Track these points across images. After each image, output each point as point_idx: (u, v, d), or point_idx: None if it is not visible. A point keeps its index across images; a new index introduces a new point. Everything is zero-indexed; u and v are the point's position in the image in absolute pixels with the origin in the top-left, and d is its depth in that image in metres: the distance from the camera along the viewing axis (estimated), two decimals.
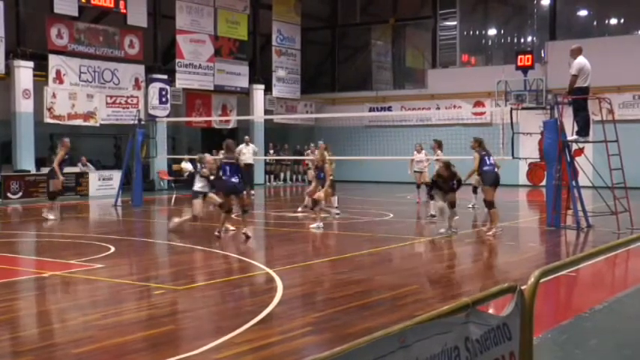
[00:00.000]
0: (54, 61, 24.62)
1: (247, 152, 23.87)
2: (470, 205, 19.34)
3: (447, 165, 14.35)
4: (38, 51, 24.25)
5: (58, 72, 24.72)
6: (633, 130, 25.43)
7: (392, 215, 18.33)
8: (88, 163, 26.23)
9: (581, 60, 14.63)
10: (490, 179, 14.29)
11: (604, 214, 14.91)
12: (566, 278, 9.45)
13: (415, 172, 21.55)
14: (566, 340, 6.64)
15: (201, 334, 6.83)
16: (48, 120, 24.69)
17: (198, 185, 14.70)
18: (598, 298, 8.41)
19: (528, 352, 3.45)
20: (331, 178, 16.63)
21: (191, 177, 22.17)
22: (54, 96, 24.65)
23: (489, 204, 14.15)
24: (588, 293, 9.14)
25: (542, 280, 3.56)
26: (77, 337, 6.68)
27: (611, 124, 15.21)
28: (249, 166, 23.89)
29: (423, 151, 21.64)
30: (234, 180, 13.60)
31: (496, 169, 14.59)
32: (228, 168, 13.63)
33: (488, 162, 14.44)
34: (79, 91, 25.37)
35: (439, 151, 19.87)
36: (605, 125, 15.01)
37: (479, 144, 14.89)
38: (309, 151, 25.53)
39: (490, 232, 13.96)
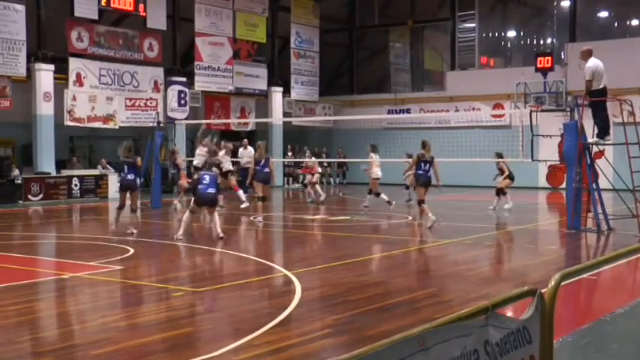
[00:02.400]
0: (74, 64, 24.81)
1: (245, 155, 23.62)
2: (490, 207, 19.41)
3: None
4: (59, 54, 24.44)
5: (78, 75, 24.90)
6: None
7: (410, 218, 18.29)
8: (108, 165, 26.37)
9: (592, 63, 14.50)
10: (421, 181, 16.04)
11: (625, 217, 14.79)
12: (587, 282, 9.37)
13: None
14: (586, 344, 6.59)
15: (220, 336, 6.84)
16: (68, 122, 24.87)
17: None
18: (619, 302, 8.34)
19: (548, 355, 3.43)
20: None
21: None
22: (74, 99, 24.82)
23: (421, 201, 15.94)
24: (609, 297, 9.06)
25: (562, 284, 3.53)
26: (96, 338, 6.71)
27: (632, 126, 15.09)
28: (247, 169, 23.50)
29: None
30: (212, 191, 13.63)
31: (428, 173, 16.16)
32: (207, 177, 13.65)
33: (423, 167, 16.11)
34: (99, 94, 25.54)
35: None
36: (626, 127, 14.88)
37: (423, 146, 16.61)
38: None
39: (428, 224, 15.44)
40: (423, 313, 7.58)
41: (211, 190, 13.56)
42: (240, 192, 19.74)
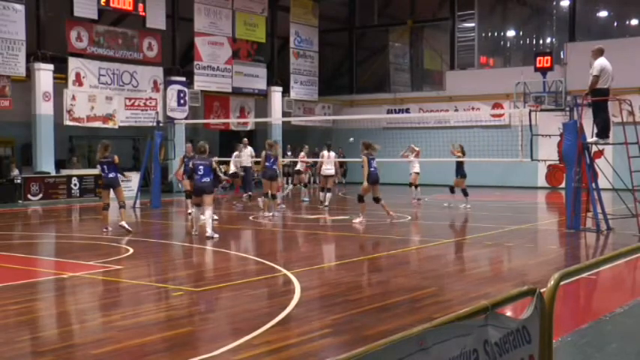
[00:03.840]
0: (74, 64, 24.82)
1: (244, 155, 23.73)
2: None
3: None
4: (58, 54, 24.45)
5: (77, 74, 24.91)
6: None
7: (410, 217, 18.29)
8: None
9: (602, 61, 14.52)
10: (371, 179, 16.62)
11: (624, 217, 14.80)
12: (586, 281, 9.38)
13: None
14: (586, 343, 6.59)
15: (220, 335, 6.85)
16: (67, 122, 24.89)
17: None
18: (618, 301, 8.35)
19: (548, 355, 3.43)
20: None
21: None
22: (73, 98, 24.83)
23: (360, 198, 16.75)
24: (609, 296, 9.07)
25: (562, 283, 3.53)
26: (97, 337, 6.71)
27: (632, 126, 15.10)
28: (247, 169, 23.77)
29: (412, 153, 22.01)
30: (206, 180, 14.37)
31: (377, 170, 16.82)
32: (202, 168, 14.34)
33: (373, 164, 16.68)
34: (98, 94, 25.55)
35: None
36: (625, 127, 14.90)
37: (366, 147, 16.98)
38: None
39: (356, 221, 16.30)
40: (422, 313, 7.58)
41: (206, 179, 14.27)
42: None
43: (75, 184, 24.56)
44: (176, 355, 6.18)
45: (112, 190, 15.54)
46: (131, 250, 12.25)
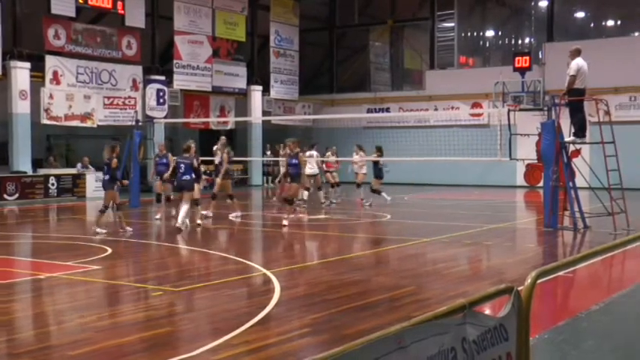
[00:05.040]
0: (51, 62, 24.62)
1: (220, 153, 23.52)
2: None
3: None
4: (35, 52, 24.23)
5: (55, 73, 24.71)
6: (630, 132, 25.48)
7: (389, 216, 18.34)
8: (89, 165, 26.24)
9: (579, 61, 14.66)
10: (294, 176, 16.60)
11: (601, 215, 14.93)
12: (563, 279, 9.46)
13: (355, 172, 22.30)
14: (562, 340, 6.64)
15: (199, 335, 6.82)
16: (45, 121, 24.68)
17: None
18: (595, 298, 8.42)
19: (525, 352, 3.45)
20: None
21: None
22: (51, 97, 24.64)
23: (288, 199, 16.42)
24: (585, 294, 9.15)
25: (539, 281, 3.56)
26: (74, 338, 6.66)
27: (608, 126, 15.25)
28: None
29: (360, 153, 21.91)
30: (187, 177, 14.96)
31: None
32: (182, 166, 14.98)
33: (294, 161, 16.58)
34: (76, 92, 25.36)
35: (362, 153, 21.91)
36: (602, 126, 15.03)
37: (297, 145, 17.19)
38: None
39: (287, 220, 15.57)
40: (401, 312, 7.60)
41: (186, 177, 14.94)
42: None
43: (52, 184, 24.37)
44: (155, 355, 6.15)
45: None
46: (109, 250, 12.17)
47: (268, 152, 32.18)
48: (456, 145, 27.70)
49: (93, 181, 25.69)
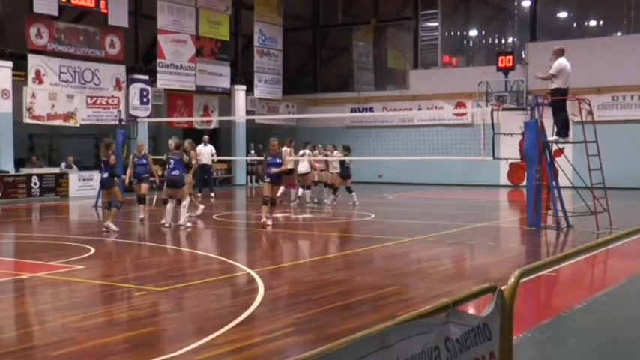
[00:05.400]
0: (33, 61, 24.45)
1: (205, 152, 23.53)
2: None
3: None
4: (17, 50, 24.06)
5: (37, 72, 24.55)
6: (612, 131, 25.68)
7: (373, 216, 18.36)
8: (73, 165, 26.11)
9: (561, 61, 14.76)
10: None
11: (583, 215, 15.03)
12: (546, 278, 9.51)
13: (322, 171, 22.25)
14: (545, 339, 6.68)
15: (183, 335, 6.81)
16: (27, 120, 24.52)
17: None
18: (577, 297, 8.48)
19: (508, 351, 3.47)
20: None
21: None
22: (33, 96, 24.48)
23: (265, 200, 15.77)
24: (568, 293, 9.20)
25: (522, 280, 3.57)
26: (57, 339, 6.63)
27: (591, 125, 15.34)
28: (206, 167, 23.23)
29: (336, 152, 21.97)
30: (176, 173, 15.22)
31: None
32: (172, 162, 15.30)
33: (277, 161, 15.85)
34: (59, 92, 25.21)
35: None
36: (584, 126, 15.13)
37: (281, 145, 17.09)
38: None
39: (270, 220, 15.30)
40: (385, 311, 7.62)
41: (175, 172, 15.20)
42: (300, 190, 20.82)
43: (35, 183, 24.21)
44: (138, 355, 6.13)
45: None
46: (93, 250, 12.11)
47: (252, 152, 32.16)
48: (439, 144, 27.81)
49: (76, 181, 25.58)
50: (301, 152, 21.46)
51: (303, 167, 21.03)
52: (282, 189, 22.05)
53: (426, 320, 3.00)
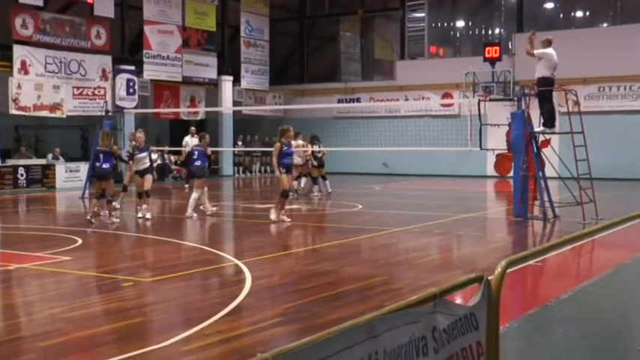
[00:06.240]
0: (19, 52, 24.29)
1: (192, 143, 23.49)
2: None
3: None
4: (2, 41, 23.89)
5: (23, 62, 24.39)
6: (598, 122, 25.78)
7: (361, 206, 18.39)
8: (60, 156, 25.98)
9: (548, 50, 14.81)
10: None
11: (570, 205, 15.10)
12: (533, 268, 9.56)
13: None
14: (532, 329, 6.72)
15: (170, 326, 6.80)
16: (13, 111, 24.37)
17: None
18: (564, 287, 8.52)
19: (495, 341, 3.49)
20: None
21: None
22: (19, 87, 24.33)
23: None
24: (554, 283, 9.25)
25: (509, 270, 3.59)
26: (44, 330, 6.61)
27: (577, 116, 15.40)
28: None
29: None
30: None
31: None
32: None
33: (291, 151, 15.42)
34: (45, 82, 25.06)
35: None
36: (571, 117, 15.19)
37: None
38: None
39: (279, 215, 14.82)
40: (373, 301, 7.64)
41: (198, 163, 15.78)
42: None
43: (22, 175, 24.09)
44: (125, 346, 6.12)
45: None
46: (80, 241, 12.08)
47: (239, 143, 32.12)
48: (426, 135, 27.88)
49: (63, 172, 25.47)
50: (295, 143, 21.32)
51: (297, 158, 20.85)
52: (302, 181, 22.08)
53: (414, 310, 3.01)
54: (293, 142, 20.76)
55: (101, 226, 14.33)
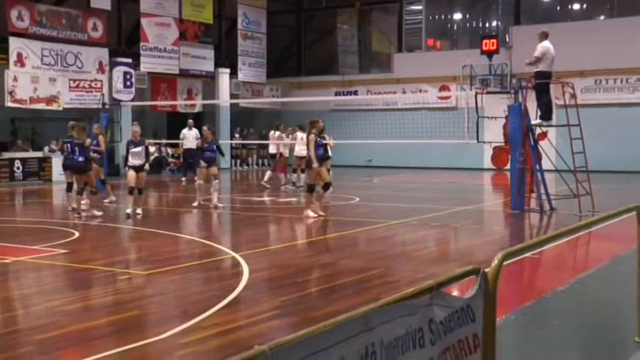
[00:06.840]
0: (15, 44, 24.21)
1: (190, 136, 23.48)
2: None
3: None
4: None
5: (19, 55, 24.32)
6: (595, 115, 25.79)
7: (358, 199, 18.39)
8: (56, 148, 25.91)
9: (545, 44, 14.79)
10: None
11: (566, 197, 15.12)
12: (530, 260, 9.58)
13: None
14: (528, 321, 6.74)
15: (168, 318, 6.81)
16: (9, 104, 24.31)
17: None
18: (560, 279, 8.54)
19: (491, 333, 3.49)
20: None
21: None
22: (15, 79, 24.26)
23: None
24: (551, 275, 9.27)
25: (505, 263, 3.60)
26: (41, 323, 6.61)
27: (574, 109, 15.41)
28: (192, 151, 22.86)
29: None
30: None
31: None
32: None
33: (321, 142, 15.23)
34: (42, 75, 25.00)
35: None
36: (567, 109, 15.19)
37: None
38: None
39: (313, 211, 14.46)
40: (370, 294, 7.65)
41: (208, 153, 16.14)
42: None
43: (18, 167, 24.05)
44: (123, 339, 6.12)
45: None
46: (76, 234, 12.07)
47: (237, 135, 32.08)
48: (424, 127, 27.88)
49: (59, 165, 25.37)
50: (297, 135, 21.31)
51: (303, 150, 20.66)
52: (269, 173, 22.09)
53: (410, 302, 3.02)
54: (298, 135, 20.73)
55: (90, 219, 14.31)
